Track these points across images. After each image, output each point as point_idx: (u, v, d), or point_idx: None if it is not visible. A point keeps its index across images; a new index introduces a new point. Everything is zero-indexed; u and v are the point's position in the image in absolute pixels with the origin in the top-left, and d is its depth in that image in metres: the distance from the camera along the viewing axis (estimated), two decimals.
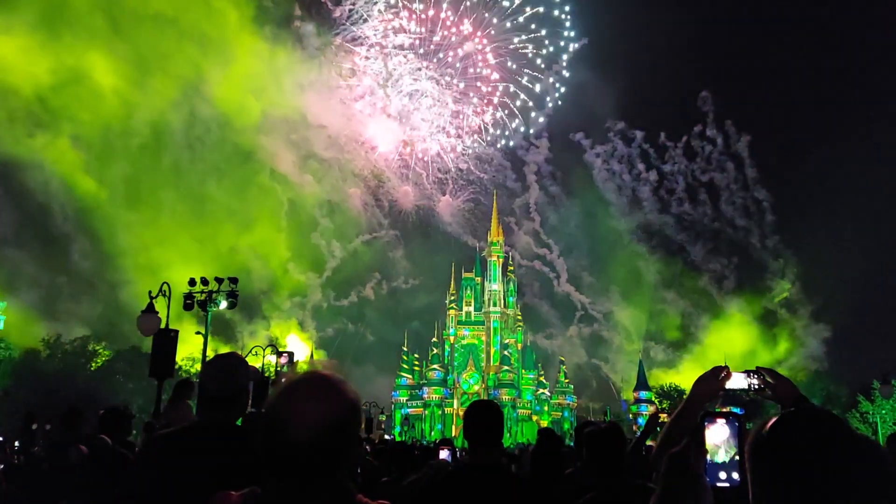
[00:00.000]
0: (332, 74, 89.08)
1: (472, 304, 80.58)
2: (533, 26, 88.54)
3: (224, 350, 20.40)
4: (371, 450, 10.10)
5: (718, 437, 1.79)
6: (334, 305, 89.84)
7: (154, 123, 76.78)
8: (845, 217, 76.29)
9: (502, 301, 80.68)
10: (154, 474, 2.71)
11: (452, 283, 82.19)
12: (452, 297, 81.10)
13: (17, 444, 19.79)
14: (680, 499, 1.74)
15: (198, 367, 38.19)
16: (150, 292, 14.24)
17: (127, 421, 6.06)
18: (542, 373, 77.99)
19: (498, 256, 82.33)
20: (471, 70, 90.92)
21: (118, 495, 3.88)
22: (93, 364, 55.48)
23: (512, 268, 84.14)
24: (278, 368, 25.78)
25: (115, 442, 5.66)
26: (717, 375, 2.35)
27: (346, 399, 1.72)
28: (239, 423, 3.50)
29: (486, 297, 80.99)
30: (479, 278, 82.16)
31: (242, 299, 20.68)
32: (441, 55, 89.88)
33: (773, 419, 1.42)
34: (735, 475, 1.73)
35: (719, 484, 1.75)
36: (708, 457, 1.77)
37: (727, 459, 1.76)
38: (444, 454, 6.09)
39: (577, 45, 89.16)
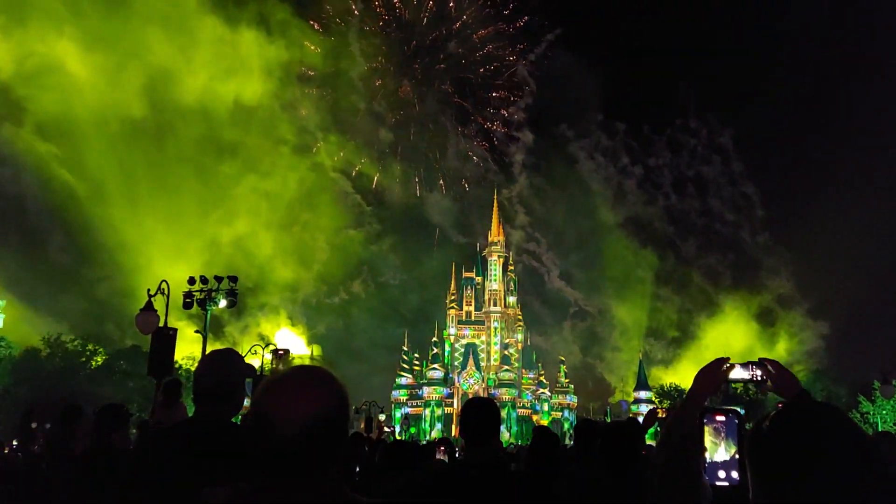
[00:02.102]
0: (310, 64, 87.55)
1: (473, 303, 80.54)
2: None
3: (212, 346, 20.41)
4: (369, 448, 10.07)
5: (717, 436, 1.76)
6: (324, 303, 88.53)
7: (124, 113, 75.22)
8: (839, 212, 75.67)
9: (502, 300, 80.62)
10: (148, 471, 2.69)
11: (453, 282, 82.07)
12: (453, 297, 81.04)
13: (14, 442, 19.77)
14: (678, 497, 1.72)
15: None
16: (148, 290, 14.22)
17: (124, 419, 6.03)
18: (543, 372, 77.90)
19: (498, 256, 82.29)
20: (451, 67, 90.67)
21: (114, 493, 3.85)
22: (93, 363, 55.44)
23: (512, 267, 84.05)
24: (273, 366, 25.75)
25: (112, 440, 5.63)
26: (719, 367, 2.31)
27: (333, 393, 1.69)
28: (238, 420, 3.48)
29: (486, 297, 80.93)
30: (479, 278, 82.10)
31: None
32: (420, 56, 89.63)
33: (773, 413, 1.39)
34: (735, 474, 1.70)
35: (718, 483, 1.72)
36: (707, 455, 1.74)
37: (727, 458, 1.73)
38: (439, 454, 6.06)
39: (552, 35, 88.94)
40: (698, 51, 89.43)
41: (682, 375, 76.53)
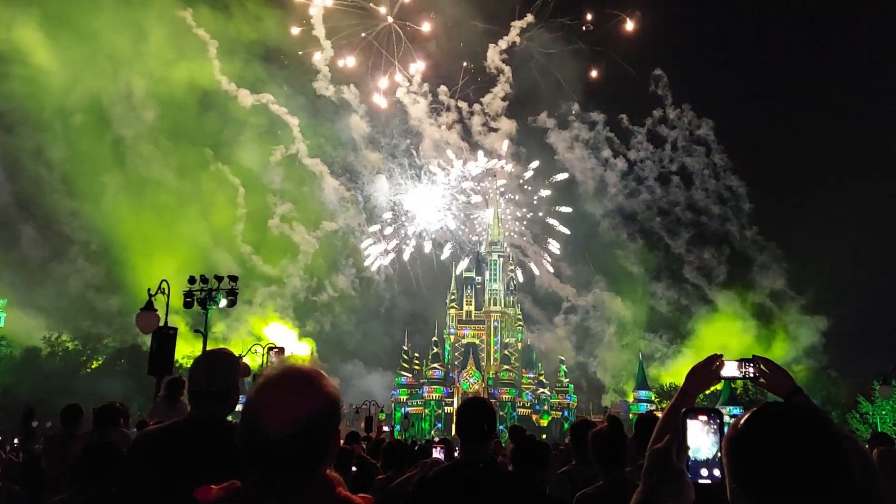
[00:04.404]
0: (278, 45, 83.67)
1: (473, 303, 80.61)
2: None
3: (199, 344, 20.30)
4: (368, 447, 10.11)
5: (701, 434, 1.79)
6: (311, 300, 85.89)
7: (89, 102, 72.95)
8: (831, 207, 74.22)
9: (502, 300, 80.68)
10: (143, 470, 2.72)
11: (453, 282, 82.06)
12: (453, 297, 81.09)
13: (16, 441, 19.82)
14: (662, 495, 1.75)
15: None
16: (148, 290, 14.26)
17: (122, 417, 6.06)
18: (542, 372, 77.84)
19: (498, 255, 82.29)
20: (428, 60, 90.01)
21: (111, 491, 3.89)
22: (93, 363, 55.58)
23: (512, 266, 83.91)
24: (267, 364, 25.76)
25: (110, 438, 5.67)
26: (710, 364, 2.34)
27: (323, 393, 1.73)
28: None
29: (486, 297, 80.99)
30: (479, 277, 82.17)
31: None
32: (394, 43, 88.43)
33: (748, 414, 1.43)
34: (717, 472, 1.73)
35: (701, 481, 1.76)
36: (690, 453, 1.78)
37: (710, 456, 1.77)
38: (437, 452, 6.10)
39: (524, 22, 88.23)
40: (670, 38, 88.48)
41: (679, 374, 75.90)
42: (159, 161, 77.46)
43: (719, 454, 1.74)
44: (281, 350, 27.20)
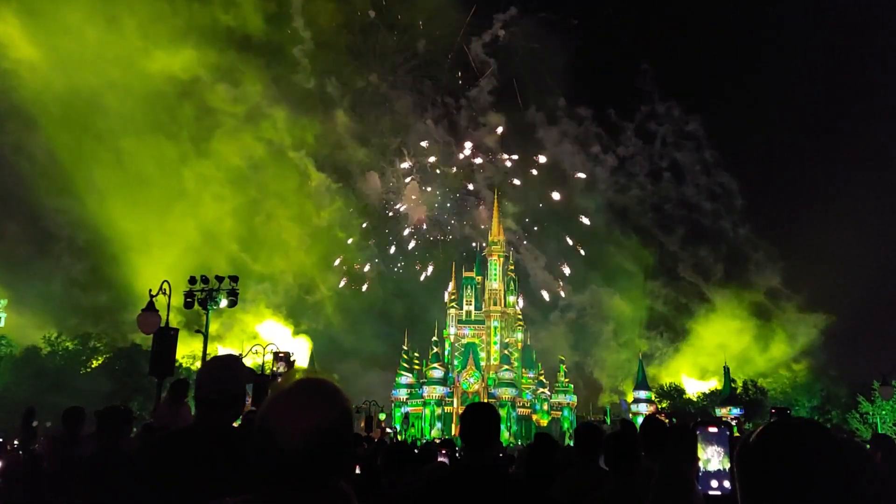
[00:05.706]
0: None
1: (473, 303, 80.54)
2: None
3: (199, 340, 20.23)
4: (369, 448, 10.11)
5: (711, 446, 1.80)
6: (304, 298, 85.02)
7: (69, 95, 70.44)
8: (826, 204, 73.28)
9: (502, 300, 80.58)
10: (149, 478, 2.73)
11: (453, 281, 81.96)
12: (453, 297, 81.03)
13: (16, 442, 19.79)
14: None
15: (198, 364, 37.29)
16: (150, 291, 14.27)
17: (126, 421, 6.06)
18: (542, 372, 77.77)
19: (498, 255, 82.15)
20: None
21: (115, 497, 3.89)
22: (93, 362, 55.51)
23: (513, 266, 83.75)
24: (274, 369, 25.76)
25: (114, 441, 5.67)
26: None
27: (336, 405, 1.74)
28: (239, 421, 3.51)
29: (486, 297, 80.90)
30: (479, 277, 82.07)
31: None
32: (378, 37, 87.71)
33: (760, 428, 1.45)
34: (727, 483, 1.75)
35: (712, 492, 1.77)
36: (700, 465, 1.79)
37: (719, 468, 1.78)
38: (441, 457, 6.12)
39: (506, 16, 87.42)
40: (656, 31, 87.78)
41: (678, 373, 75.82)
42: (143, 155, 75.99)
43: (729, 465, 1.75)
44: (286, 356, 27.23)
